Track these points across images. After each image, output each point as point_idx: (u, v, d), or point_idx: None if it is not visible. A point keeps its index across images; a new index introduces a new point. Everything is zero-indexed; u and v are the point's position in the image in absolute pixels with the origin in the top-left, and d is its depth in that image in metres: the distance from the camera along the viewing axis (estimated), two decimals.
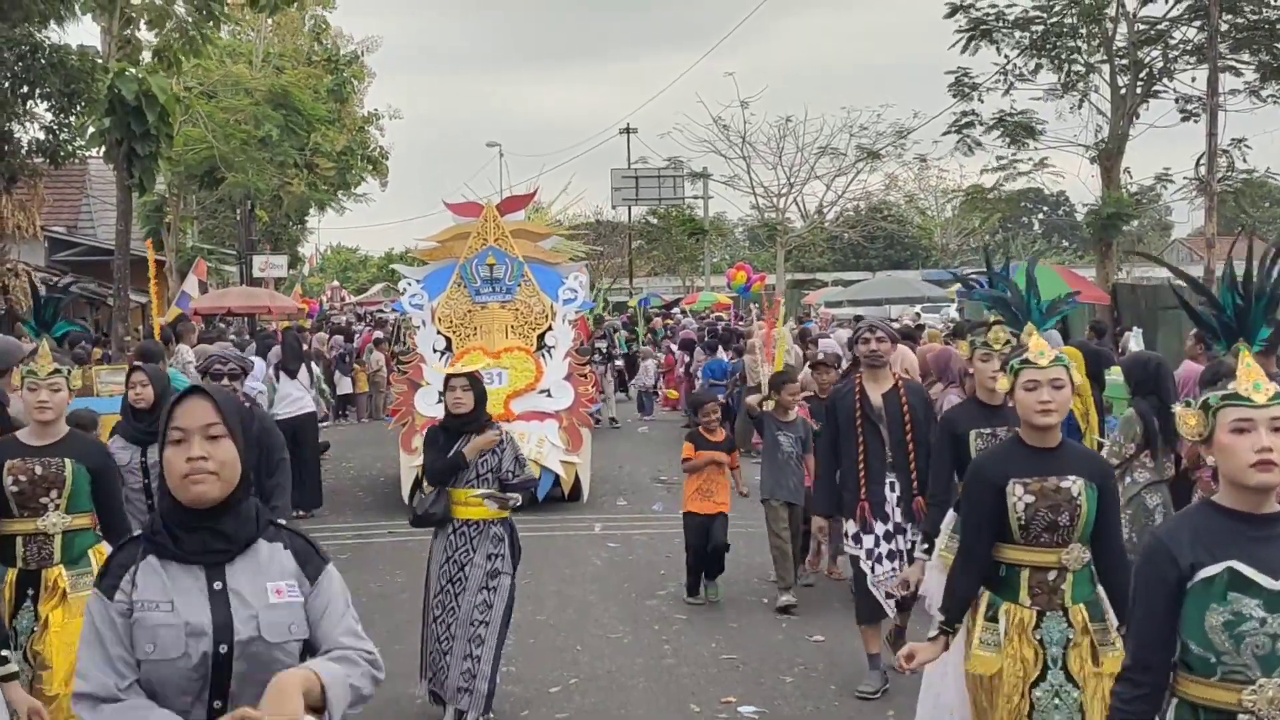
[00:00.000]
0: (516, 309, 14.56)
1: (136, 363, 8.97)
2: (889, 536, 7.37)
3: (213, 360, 7.29)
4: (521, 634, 8.94)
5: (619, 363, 25.35)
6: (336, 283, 63.87)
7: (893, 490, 7.37)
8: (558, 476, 13.63)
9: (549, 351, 14.51)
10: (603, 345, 23.86)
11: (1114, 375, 10.09)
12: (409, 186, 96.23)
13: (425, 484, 7.23)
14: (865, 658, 7.63)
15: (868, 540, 7.38)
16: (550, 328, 14.59)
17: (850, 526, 7.47)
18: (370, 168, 44.20)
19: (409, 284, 14.96)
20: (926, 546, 6.37)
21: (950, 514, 6.02)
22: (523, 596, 9.91)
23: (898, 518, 7.35)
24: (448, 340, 14.47)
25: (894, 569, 7.25)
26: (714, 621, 9.25)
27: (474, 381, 7.11)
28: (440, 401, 13.00)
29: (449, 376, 7.04)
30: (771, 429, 9.94)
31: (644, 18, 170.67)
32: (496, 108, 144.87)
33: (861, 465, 7.43)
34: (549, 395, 14.21)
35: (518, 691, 7.75)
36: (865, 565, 7.39)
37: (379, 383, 23.88)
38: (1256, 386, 3.33)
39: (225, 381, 6.96)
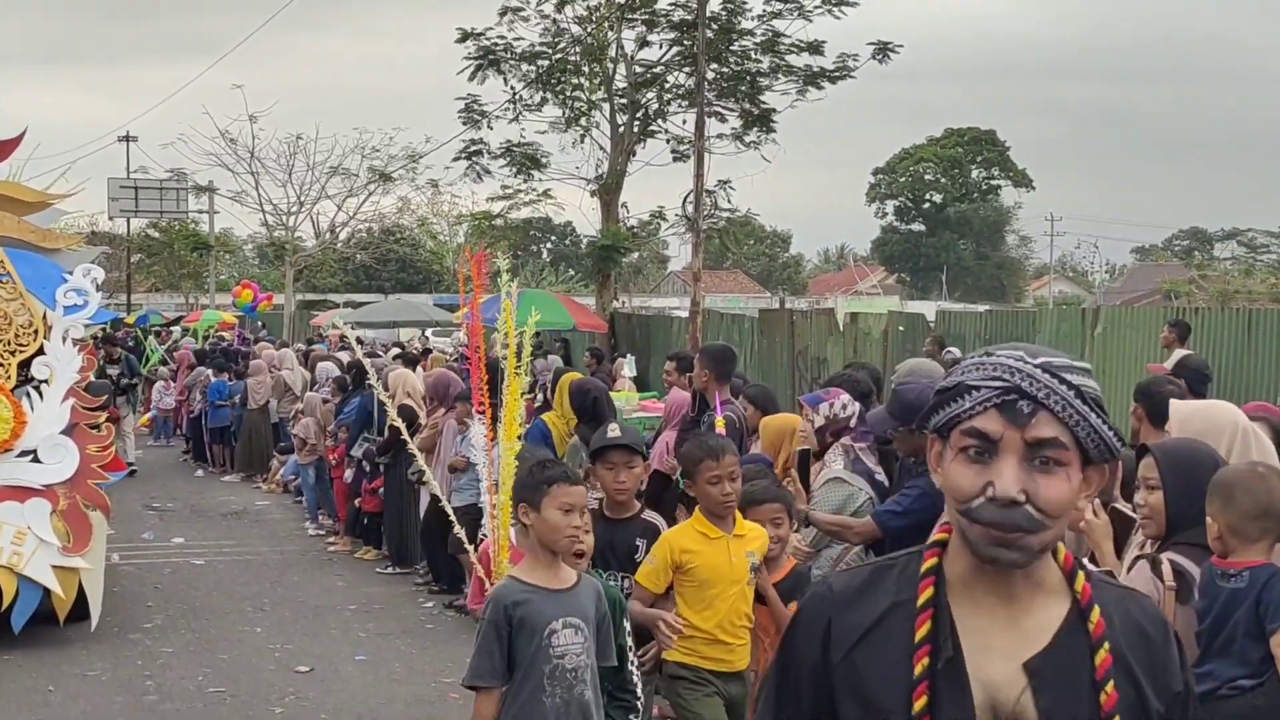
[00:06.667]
0: None
1: None
2: None
3: None
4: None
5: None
6: None
7: None
8: (48, 592, 8.95)
9: (38, 389, 9.40)
10: (113, 372, 20.17)
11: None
12: None
13: None
14: None
15: None
16: (41, 350, 9.48)
17: None
18: None
19: None
20: None
21: None
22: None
23: None
24: None
25: None
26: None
27: None
28: None
29: None
30: None
31: (150, 25, 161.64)
32: None
33: None
34: (36, 460, 9.24)
35: None
36: None
37: None
38: None
39: None
